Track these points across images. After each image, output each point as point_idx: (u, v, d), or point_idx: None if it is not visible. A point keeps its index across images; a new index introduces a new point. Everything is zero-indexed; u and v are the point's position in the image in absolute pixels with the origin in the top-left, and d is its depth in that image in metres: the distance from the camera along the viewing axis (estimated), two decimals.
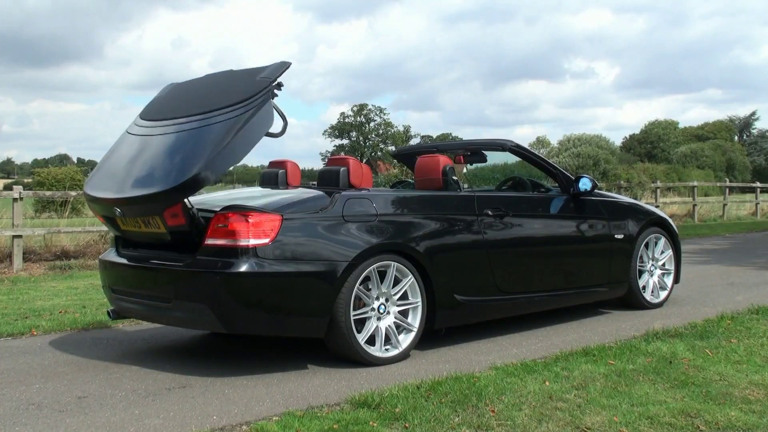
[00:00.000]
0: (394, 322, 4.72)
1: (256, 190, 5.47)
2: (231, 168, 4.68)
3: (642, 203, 6.99)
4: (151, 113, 5.06)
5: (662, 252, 6.58)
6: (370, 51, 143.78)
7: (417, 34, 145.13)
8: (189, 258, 4.42)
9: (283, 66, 4.69)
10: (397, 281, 4.72)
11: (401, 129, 73.01)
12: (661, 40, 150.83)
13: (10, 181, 66.15)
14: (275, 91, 4.59)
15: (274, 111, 4.62)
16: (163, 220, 4.40)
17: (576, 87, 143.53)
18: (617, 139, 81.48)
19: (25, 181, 54.05)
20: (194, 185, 4.24)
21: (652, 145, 67.41)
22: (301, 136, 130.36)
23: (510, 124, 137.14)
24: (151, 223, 4.51)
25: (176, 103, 5.00)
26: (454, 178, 5.36)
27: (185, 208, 4.38)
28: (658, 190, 20.72)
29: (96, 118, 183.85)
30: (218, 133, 4.33)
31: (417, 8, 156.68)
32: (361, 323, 4.57)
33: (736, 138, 77.50)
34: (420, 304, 4.78)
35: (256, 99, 4.46)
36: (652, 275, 6.51)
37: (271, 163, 5.78)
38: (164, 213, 4.36)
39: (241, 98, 4.48)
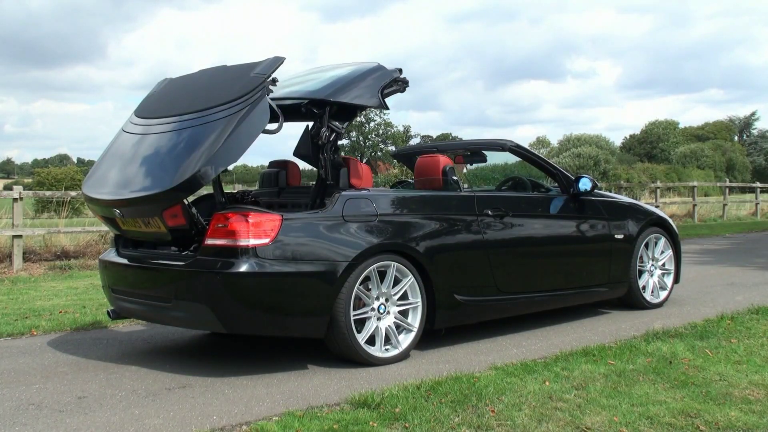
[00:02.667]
0: (394, 322, 4.71)
1: None
2: (231, 168, 4.64)
3: (642, 203, 6.99)
4: (146, 110, 5.03)
5: (662, 252, 6.57)
6: (373, 51, 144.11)
7: (420, 34, 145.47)
8: (189, 258, 4.42)
9: (278, 62, 4.65)
10: (397, 281, 4.72)
11: (401, 129, 72.89)
12: (664, 40, 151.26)
13: (10, 181, 66.16)
14: (270, 87, 4.56)
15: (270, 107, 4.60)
16: (163, 221, 4.39)
17: (578, 87, 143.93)
18: (619, 140, 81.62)
19: (25, 181, 54.06)
20: (193, 185, 4.22)
21: (652, 145, 67.42)
22: None
23: (511, 124, 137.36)
24: (152, 223, 4.50)
25: (172, 100, 4.97)
26: (454, 178, 5.35)
27: (185, 207, 4.38)
28: (658, 190, 20.72)
29: (99, 119, 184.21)
30: (216, 131, 4.30)
31: (421, 8, 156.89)
32: (361, 323, 4.57)
33: (736, 138, 77.52)
34: (420, 304, 4.78)
35: (253, 95, 4.42)
36: (652, 275, 6.51)
37: (271, 163, 5.78)
38: (164, 213, 4.36)
39: (238, 95, 4.44)
